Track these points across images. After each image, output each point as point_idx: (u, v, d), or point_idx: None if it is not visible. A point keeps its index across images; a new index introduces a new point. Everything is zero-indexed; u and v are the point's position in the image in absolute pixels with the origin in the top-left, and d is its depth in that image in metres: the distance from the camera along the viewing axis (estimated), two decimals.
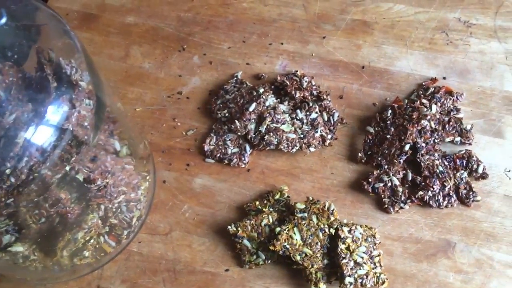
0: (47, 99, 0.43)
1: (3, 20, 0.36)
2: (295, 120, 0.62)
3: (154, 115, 0.66)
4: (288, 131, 0.61)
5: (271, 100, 0.62)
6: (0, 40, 0.40)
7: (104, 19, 0.74)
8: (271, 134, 0.60)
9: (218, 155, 0.62)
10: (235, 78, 0.67)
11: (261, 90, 0.63)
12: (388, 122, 0.61)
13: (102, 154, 0.50)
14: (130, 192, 0.55)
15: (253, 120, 0.61)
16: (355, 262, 0.53)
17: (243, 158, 0.62)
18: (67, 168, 0.44)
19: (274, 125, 0.61)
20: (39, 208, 0.47)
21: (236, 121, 0.61)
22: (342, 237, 0.54)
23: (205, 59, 0.70)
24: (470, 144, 0.60)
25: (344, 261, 0.53)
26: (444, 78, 0.65)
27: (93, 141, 0.44)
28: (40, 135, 0.40)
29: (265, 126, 0.61)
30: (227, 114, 0.63)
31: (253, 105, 0.62)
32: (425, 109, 0.60)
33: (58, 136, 0.42)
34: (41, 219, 0.48)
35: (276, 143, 0.60)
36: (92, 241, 0.53)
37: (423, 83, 0.64)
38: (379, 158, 0.59)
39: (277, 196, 0.59)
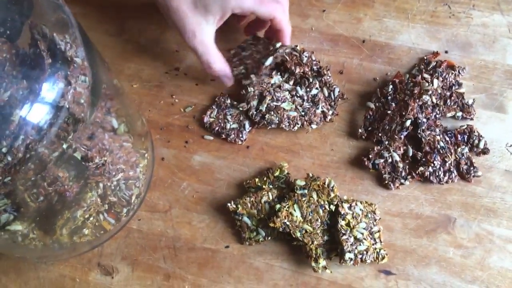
0: (41, 75, 0.42)
1: None
2: (295, 97, 0.61)
3: (152, 92, 0.65)
4: (289, 109, 0.60)
5: (276, 78, 0.61)
6: None
7: None
8: (272, 113, 0.60)
9: (217, 128, 0.61)
10: (252, 36, 0.66)
11: (278, 45, 0.62)
12: (389, 97, 0.60)
13: (100, 132, 0.50)
14: (129, 170, 0.55)
15: (256, 97, 0.61)
16: (355, 238, 0.53)
17: (240, 135, 0.61)
18: (64, 146, 0.44)
19: (275, 103, 0.60)
20: (37, 187, 0.46)
21: (252, 75, 0.61)
22: (342, 213, 0.54)
23: None
24: (471, 119, 0.60)
25: (344, 237, 0.53)
26: (446, 52, 0.64)
27: (90, 118, 0.44)
28: (36, 113, 0.39)
29: (265, 105, 0.60)
30: (243, 70, 0.63)
31: (270, 59, 0.61)
32: (427, 84, 0.59)
33: (54, 114, 0.41)
34: (39, 197, 0.48)
35: (277, 122, 0.60)
36: (91, 219, 0.53)
37: (425, 57, 0.63)
38: (380, 134, 0.59)
39: (277, 173, 0.58)
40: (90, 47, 0.45)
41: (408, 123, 0.58)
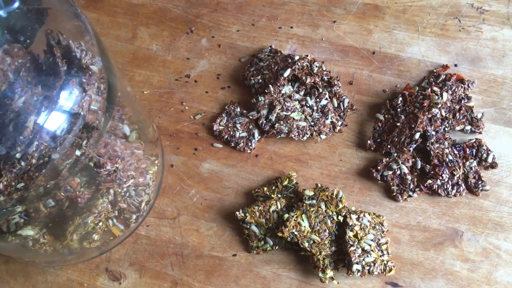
0: (57, 82, 0.42)
1: (16, 4, 0.35)
2: (305, 107, 0.61)
3: (162, 99, 0.66)
4: (298, 119, 0.60)
5: (287, 88, 0.62)
6: (13, 24, 0.39)
7: None
8: (282, 122, 0.60)
9: (226, 136, 0.62)
10: (269, 48, 0.67)
11: (297, 57, 0.63)
12: (399, 109, 0.60)
13: (112, 138, 0.50)
14: (139, 177, 0.55)
15: (266, 106, 0.61)
16: (362, 249, 0.53)
17: (249, 144, 0.62)
18: (78, 153, 0.44)
19: (284, 113, 0.60)
20: (50, 193, 0.47)
21: (270, 85, 0.61)
22: (350, 224, 0.54)
23: (214, 42, 0.69)
24: (480, 133, 0.60)
25: (351, 248, 0.53)
26: (456, 65, 0.64)
27: (106, 127, 0.44)
28: (52, 121, 0.40)
29: (275, 115, 0.60)
30: (260, 80, 0.63)
31: (288, 71, 0.62)
32: (436, 97, 0.59)
33: (70, 122, 0.41)
34: (51, 203, 0.48)
35: (286, 131, 0.60)
36: (101, 224, 0.53)
37: (434, 70, 0.64)
38: (389, 146, 0.59)
39: (285, 183, 0.58)
40: (106, 54, 0.46)
41: (417, 135, 0.58)
